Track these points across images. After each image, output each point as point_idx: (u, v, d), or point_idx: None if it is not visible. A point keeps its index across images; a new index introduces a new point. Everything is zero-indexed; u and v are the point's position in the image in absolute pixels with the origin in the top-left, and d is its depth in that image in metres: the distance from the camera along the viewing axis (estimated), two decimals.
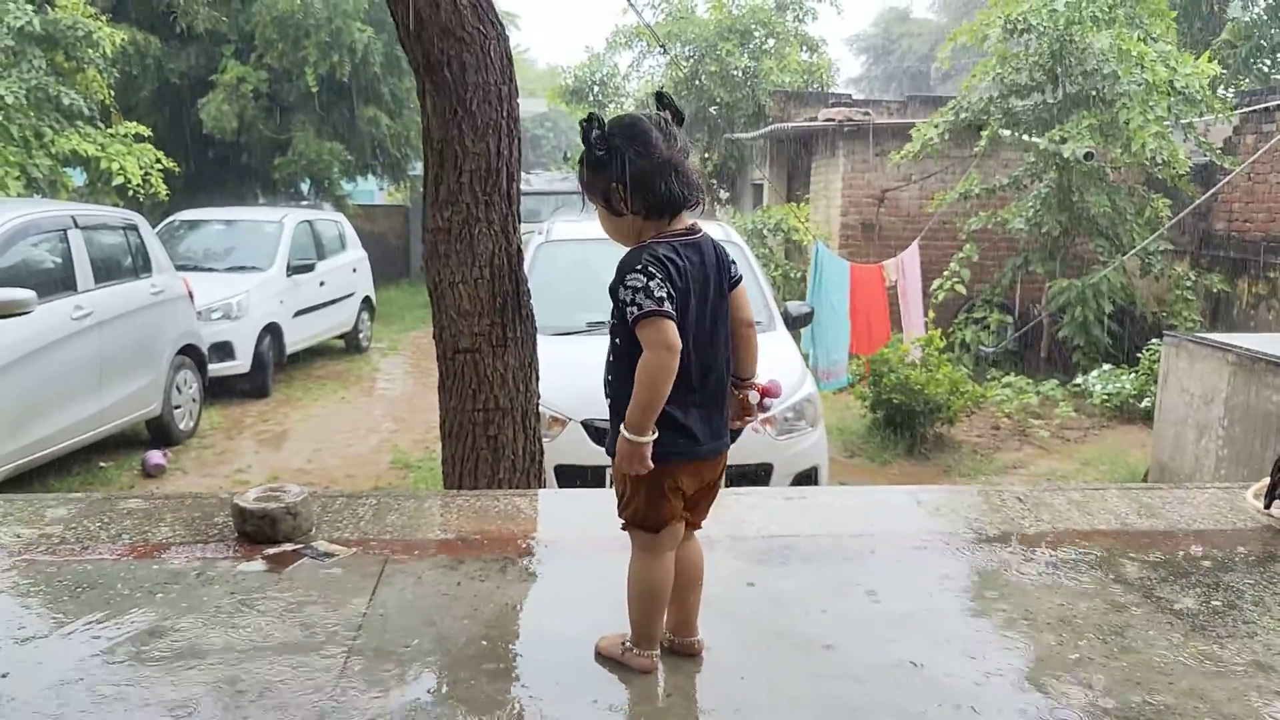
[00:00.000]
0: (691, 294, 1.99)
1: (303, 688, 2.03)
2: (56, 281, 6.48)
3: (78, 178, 11.35)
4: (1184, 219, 9.64)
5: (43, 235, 6.60)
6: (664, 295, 1.92)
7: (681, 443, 2.01)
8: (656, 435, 1.94)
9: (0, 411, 5.66)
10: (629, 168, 1.97)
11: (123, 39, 11.62)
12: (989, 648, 2.29)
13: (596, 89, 19.15)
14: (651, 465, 1.95)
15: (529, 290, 3.85)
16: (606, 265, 2.10)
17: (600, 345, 2.14)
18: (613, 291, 1.97)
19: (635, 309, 1.91)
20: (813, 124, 12.73)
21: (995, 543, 2.93)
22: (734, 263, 2.15)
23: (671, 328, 1.91)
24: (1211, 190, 9.27)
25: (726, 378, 2.11)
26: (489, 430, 3.71)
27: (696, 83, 16.89)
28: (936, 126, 10.05)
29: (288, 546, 2.75)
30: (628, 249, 2.04)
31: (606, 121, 2.02)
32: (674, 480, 2.03)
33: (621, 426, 1.94)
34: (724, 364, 2.09)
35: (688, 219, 2.05)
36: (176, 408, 7.72)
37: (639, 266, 1.94)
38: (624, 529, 2.11)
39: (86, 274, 6.73)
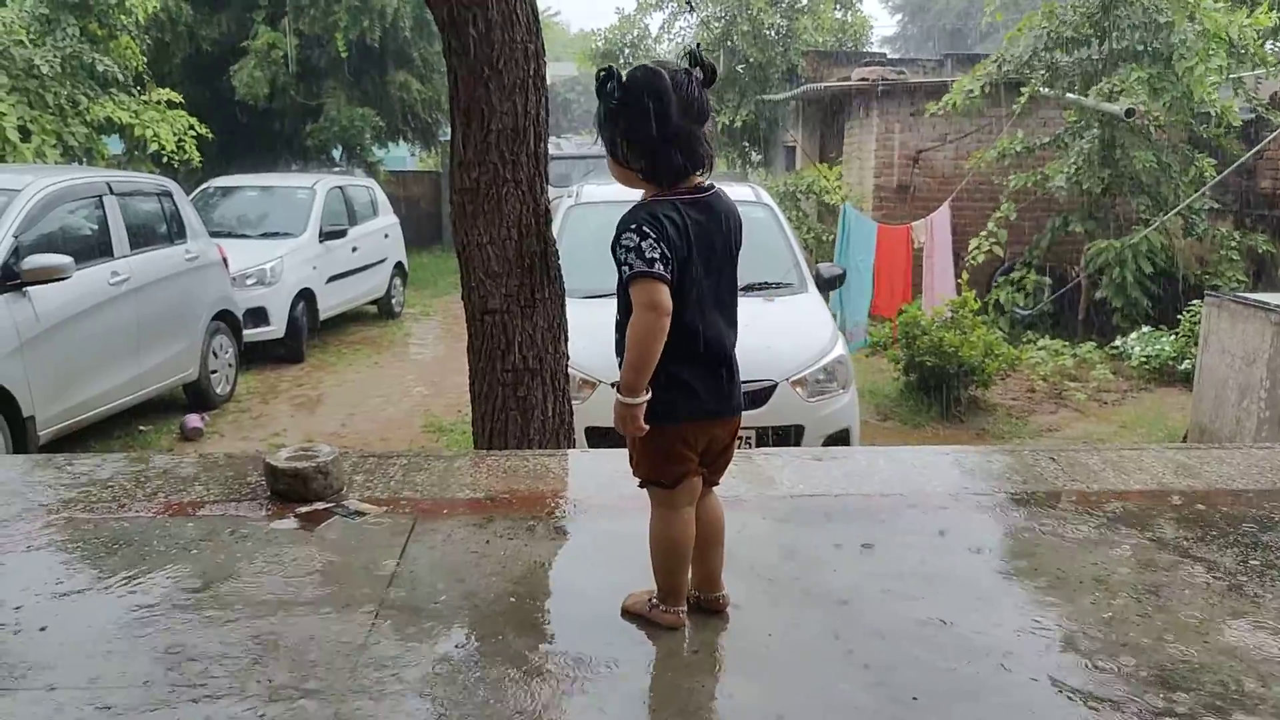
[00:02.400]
0: (694, 254, 1.95)
1: (334, 642, 2.06)
2: (93, 247, 6.56)
3: (114, 145, 11.46)
4: (1228, 177, 9.41)
5: (79, 202, 6.67)
6: (655, 256, 1.88)
7: (684, 403, 2.00)
8: (649, 395, 1.93)
9: (42, 376, 5.76)
10: (635, 127, 1.94)
11: (155, 6, 11.67)
12: (1021, 606, 2.27)
13: (628, 51, 18.99)
14: (645, 427, 1.94)
15: (557, 251, 3.83)
16: None
17: None
18: (612, 250, 1.94)
19: (626, 269, 1.90)
20: (846, 84, 12.55)
21: (1028, 502, 2.90)
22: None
23: (661, 289, 1.88)
24: (1257, 147, 9.04)
25: (733, 338, 2.08)
26: (518, 391, 3.71)
27: (728, 43, 16.69)
28: (978, 79, 9.86)
29: (319, 505, 2.78)
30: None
31: (626, 73, 1.97)
32: (681, 439, 2.02)
33: (615, 387, 1.94)
34: (733, 324, 2.07)
35: (696, 179, 2.00)
36: (213, 372, 7.82)
37: (634, 225, 1.91)
38: (641, 486, 2.11)
39: (122, 240, 6.80)
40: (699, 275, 1.97)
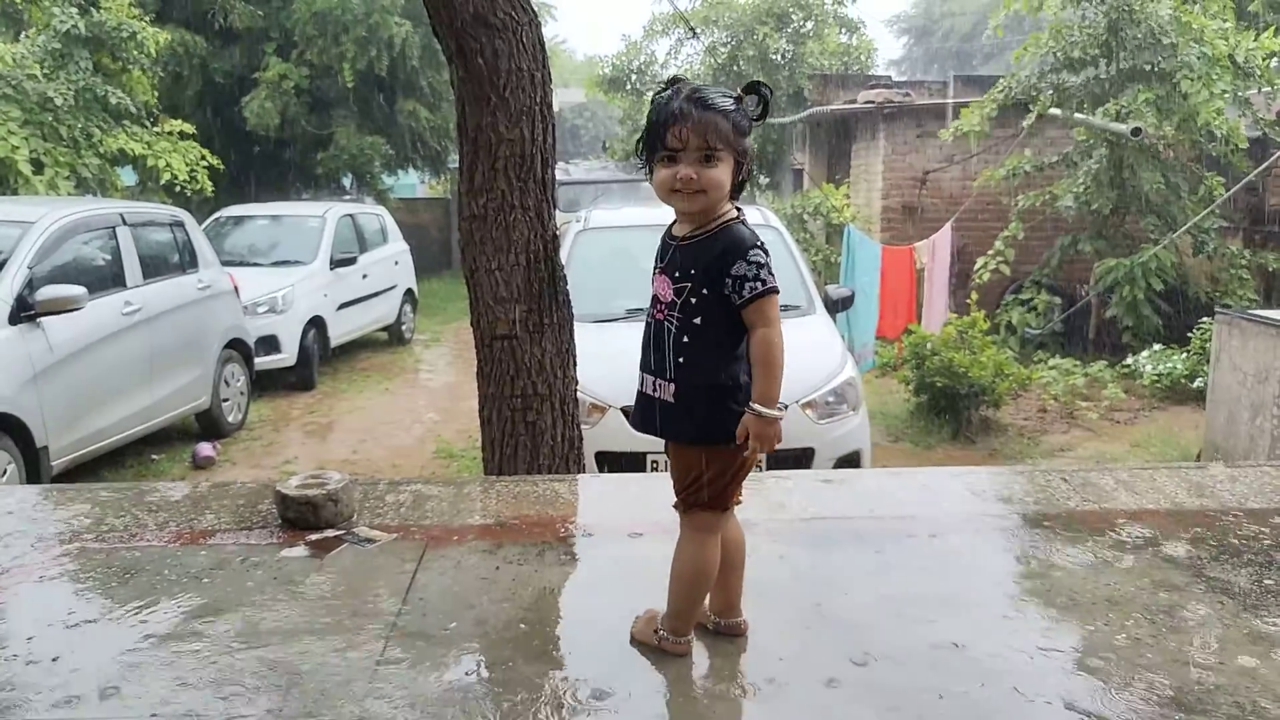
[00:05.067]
0: None
1: (344, 670, 2.06)
2: (106, 278, 6.62)
3: (128, 177, 11.59)
4: (1237, 195, 9.41)
5: (92, 233, 6.74)
6: (773, 273, 1.94)
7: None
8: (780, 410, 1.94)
9: (55, 406, 5.80)
10: (750, 144, 1.99)
11: (167, 39, 11.82)
12: (1033, 629, 2.25)
13: (634, 77, 19.13)
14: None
15: (565, 276, 3.85)
16: (645, 252, 2.07)
17: (640, 332, 2.10)
18: (720, 266, 1.91)
19: (759, 284, 1.90)
20: (852, 106, 12.61)
21: (1040, 524, 2.88)
22: None
23: (776, 304, 1.94)
24: (1265, 164, 9.04)
25: None
26: (527, 416, 3.72)
27: (735, 68, 16.80)
28: (986, 108, 9.92)
29: (329, 532, 2.78)
30: (696, 220, 1.98)
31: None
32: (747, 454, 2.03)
33: (753, 405, 1.91)
34: None
35: None
36: (225, 401, 7.85)
37: (757, 243, 1.94)
38: (684, 512, 2.06)
39: (135, 270, 6.86)
40: None
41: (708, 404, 1.95)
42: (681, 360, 1.98)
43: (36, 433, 5.61)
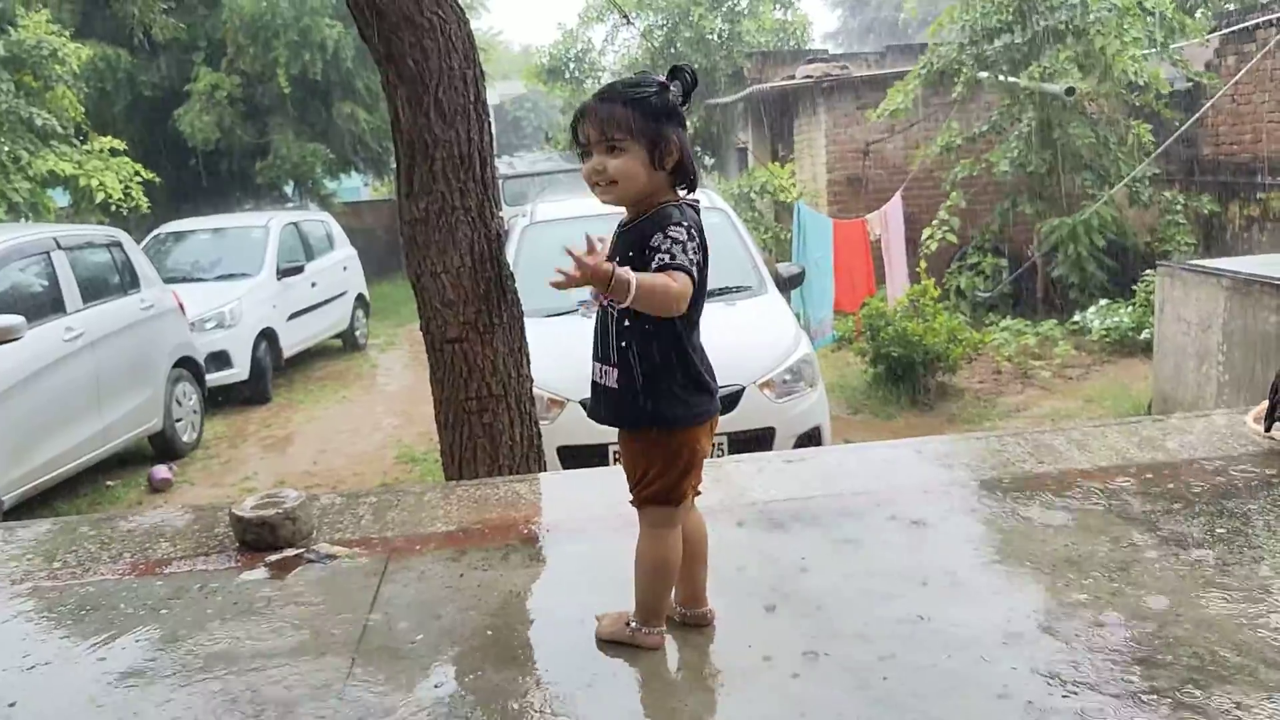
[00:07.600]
0: (705, 259, 1.97)
1: (310, 693, 2.03)
2: (45, 305, 6.47)
3: (60, 198, 11.31)
4: (1170, 146, 9.57)
5: (26, 259, 6.57)
6: (698, 260, 1.90)
7: (704, 400, 2.01)
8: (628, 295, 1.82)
9: (2, 440, 5.66)
10: (679, 128, 1.95)
11: (90, 54, 11.53)
12: (996, 595, 2.28)
13: (573, 65, 19.03)
14: (592, 299, 1.94)
15: (512, 274, 3.83)
16: None
17: (592, 324, 2.08)
18: (641, 239, 1.90)
19: (667, 256, 1.86)
20: (791, 82, 12.65)
21: (997, 489, 2.92)
22: None
23: (690, 287, 1.87)
24: (1196, 115, 9.20)
25: None
26: (484, 418, 3.70)
27: (672, 50, 16.77)
28: (910, 85, 10.02)
29: (289, 552, 2.74)
30: (632, 210, 1.98)
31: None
32: (701, 445, 2.02)
33: (625, 271, 1.80)
34: None
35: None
36: (178, 421, 7.72)
37: (684, 224, 1.90)
38: (638, 506, 2.05)
39: (74, 295, 6.71)
40: (705, 279, 1.98)
41: (648, 388, 1.94)
42: (623, 345, 1.97)
43: None
